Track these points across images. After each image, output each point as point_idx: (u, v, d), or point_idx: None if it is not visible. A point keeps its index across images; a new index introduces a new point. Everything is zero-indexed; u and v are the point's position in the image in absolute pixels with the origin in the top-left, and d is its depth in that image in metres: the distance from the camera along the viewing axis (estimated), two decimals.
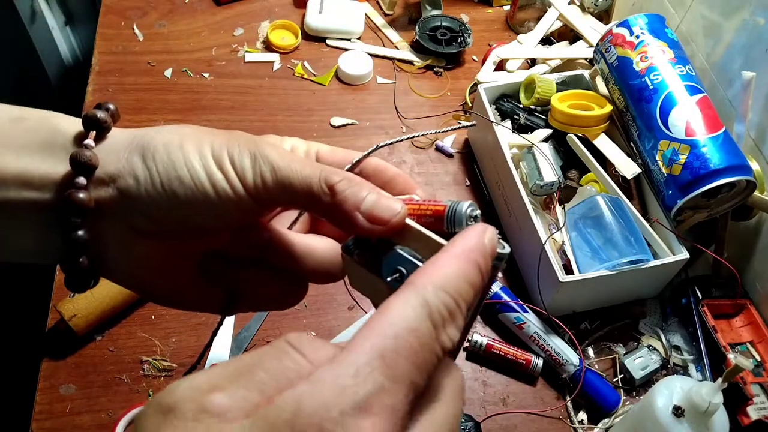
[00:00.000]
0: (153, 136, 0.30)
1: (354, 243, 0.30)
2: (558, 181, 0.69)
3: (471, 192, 0.80)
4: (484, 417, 0.62)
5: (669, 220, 0.65)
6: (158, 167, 0.29)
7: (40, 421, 0.58)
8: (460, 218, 0.28)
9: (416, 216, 0.29)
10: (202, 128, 0.31)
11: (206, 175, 0.29)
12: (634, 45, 0.68)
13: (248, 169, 0.29)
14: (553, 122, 0.73)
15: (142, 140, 0.30)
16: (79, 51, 1.37)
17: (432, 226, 0.28)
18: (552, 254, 0.63)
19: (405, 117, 0.86)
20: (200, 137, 0.30)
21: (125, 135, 0.30)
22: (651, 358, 0.66)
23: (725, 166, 0.60)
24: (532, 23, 0.95)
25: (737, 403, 0.60)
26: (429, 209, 0.29)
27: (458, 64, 0.94)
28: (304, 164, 0.29)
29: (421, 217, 0.29)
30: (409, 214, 0.29)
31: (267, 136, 0.34)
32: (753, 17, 0.67)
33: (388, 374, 0.20)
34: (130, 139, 0.30)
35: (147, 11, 0.93)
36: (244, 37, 0.92)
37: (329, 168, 0.30)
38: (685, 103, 0.64)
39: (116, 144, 0.30)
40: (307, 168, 0.29)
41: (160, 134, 0.30)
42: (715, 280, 0.69)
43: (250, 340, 0.64)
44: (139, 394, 0.60)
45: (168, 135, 0.30)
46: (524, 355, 0.65)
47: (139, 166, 0.29)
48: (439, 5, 0.96)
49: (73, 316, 0.60)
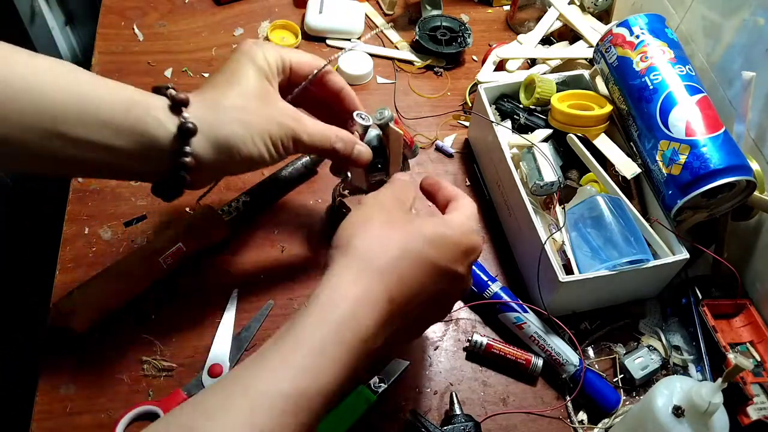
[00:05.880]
0: (223, 126, 0.49)
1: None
2: (558, 181, 0.69)
3: (471, 192, 0.80)
4: (484, 417, 0.62)
5: (669, 220, 0.65)
6: (240, 155, 0.50)
7: (40, 421, 0.58)
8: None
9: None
10: (260, 119, 0.51)
11: (268, 155, 0.52)
12: (634, 45, 0.68)
13: (290, 144, 0.53)
14: (553, 122, 0.73)
15: (216, 134, 0.49)
16: (79, 51, 1.37)
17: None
18: (552, 254, 0.63)
19: (405, 117, 0.86)
20: (258, 129, 0.50)
21: (201, 116, 0.49)
22: (651, 358, 0.66)
23: (725, 166, 0.60)
24: (532, 23, 0.95)
25: (737, 403, 0.60)
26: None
27: (458, 64, 0.94)
28: (318, 127, 0.54)
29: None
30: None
31: (246, 42, 0.54)
32: (753, 17, 0.67)
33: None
34: (207, 124, 0.49)
35: (147, 11, 0.93)
36: (244, 37, 0.92)
37: (334, 132, 0.55)
38: (685, 103, 0.64)
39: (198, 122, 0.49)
40: (320, 131, 0.55)
41: (230, 126, 0.49)
42: (715, 280, 0.69)
43: (251, 340, 0.64)
44: (139, 394, 0.60)
45: (240, 130, 0.50)
46: (524, 355, 0.65)
47: (219, 148, 0.49)
48: (439, 5, 0.96)
49: (71, 313, 0.59)
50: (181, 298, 0.66)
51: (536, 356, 0.65)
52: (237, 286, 0.68)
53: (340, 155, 0.56)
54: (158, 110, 0.48)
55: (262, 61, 0.53)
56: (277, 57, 0.54)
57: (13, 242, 1.33)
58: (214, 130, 0.49)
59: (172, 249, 0.64)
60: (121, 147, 0.47)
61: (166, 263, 0.64)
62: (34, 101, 0.43)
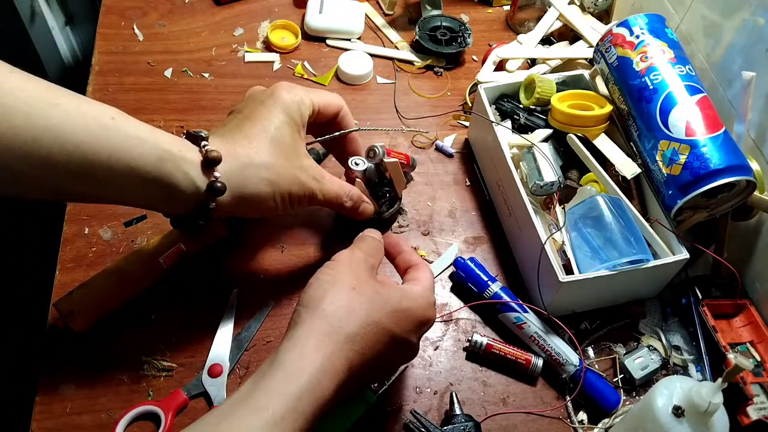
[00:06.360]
0: (250, 184, 0.53)
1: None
2: (558, 181, 0.69)
3: (471, 192, 0.80)
4: (484, 417, 0.62)
5: (669, 220, 0.65)
6: (259, 209, 0.56)
7: (40, 421, 0.58)
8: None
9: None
10: (285, 179, 0.55)
11: (282, 208, 0.56)
12: (634, 45, 0.68)
13: (306, 202, 0.58)
14: (553, 122, 0.73)
15: (242, 191, 0.53)
16: (79, 51, 1.37)
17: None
18: (552, 254, 0.63)
19: (405, 117, 0.86)
20: (281, 188, 0.55)
21: (229, 172, 0.52)
22: (651, 358, 0.66)
23: (725, 166, 0.60)
24: (532, 23, 0.95)
25: (737, 403, 0.60)
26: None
27: (458, 64, 0.94)
28: (333, 189, 0.60)
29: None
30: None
31: (281, 84, 0.58)
32: (753, 17, 0.67)
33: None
34: (235, 182, 0.53)
35: (147, 11, 0.93)
36: (244, 37, 0.92)
37: (345, 192, 0.62)
38: (685, 103, 0.64)
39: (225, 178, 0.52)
40: (334, 191, 0.61)
41: (257, 185, 0.54)
42: (715, 280, 0.69)
43: (250, 340, 0.64)
44: (139, 394, 0.60)
45: (265, 188, 0.54)
46: (524, 355, 0.65)
47: (242, 201, 0.54)
48: (439, 5, 0.96)
49: (70, 313, 0.59)
50: (181, 298, 0.66)
51: (536, 356, 0.65)
52: (237, 286, 0.68)
53: (348, 211, 0.64)
54: (190, 166, 0.50)
55: (296, 114, 0.56)
56: (309, 106, 0.58)
57: (13, 242, 1.33)
58: (241, 188, 0.53)
59: (172, 249, 0.64)
60: (146, 192, 0.50)
61: (166, 263, 0.64)
62: (67, 150, 0.45)
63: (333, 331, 0.47)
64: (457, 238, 0.75)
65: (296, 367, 0.44)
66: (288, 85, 0.58)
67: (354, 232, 0.59)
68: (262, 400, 0.43)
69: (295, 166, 0.56)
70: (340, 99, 0.64)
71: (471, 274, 0.69)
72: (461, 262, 0.70)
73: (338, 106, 0.63)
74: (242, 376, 0.62)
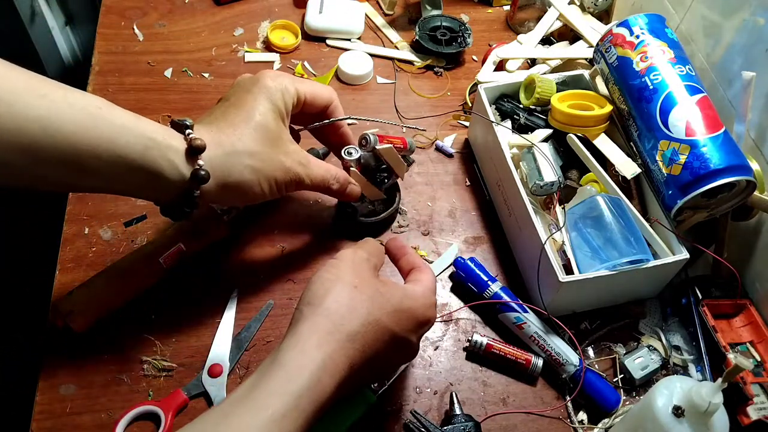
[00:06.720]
0: (234, 171, 0.53)
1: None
2: (558, 181, 0.69)
3: (471, 192, 0.80)
4: (484, 417, 0.62)
5: (669, 220, 0.65)
6: (245, 196, 0.55)
7: (40, 421, 0.58)
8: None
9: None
10: (270, 165, 0.55)
11: (269, 194, 0.56)
12: (634, 45, 0.68)
13: (293, 187, 0.59)
14: (553, 122, 0.73)
15: (226, 179, 0.53)
16: (79, 51, 1.37)
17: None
18: (552, 254, 0.63)
19: (405, 117, 0.86)
20: (266, 174, 0.55)
21: (213, 157, 0.52)
22: (651, 358, 0.66)
23: (725, 166, 0.60)
24: (532, 23, 0.95)
25: (737, 403, 0.60)
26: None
27: (458, 64, 0.94)
28: (319, 173, 0.60)
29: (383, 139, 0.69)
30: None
31: (266, 71, 0.58)
32: (753, 17, 0.67)
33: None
34: (220, 170, 0.52)
35: (147, 11, 0.93)
36: (244, 37, 0.92)
37: (331, 174, 0.62)
38: (685, 103, 0.64)
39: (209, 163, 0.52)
40: (320, 175, 0.61)
41: (241, 172, 0.53)
42: (715, 280, 0.69)
43: (250, 340, 0.64)
44: (139, 394, 0.60)
45: (249, 175, 0.54)
46: (524, 355, 0.65)
47: (227, 188, 0.54)
48: (439, 5, 0.96)
49: (70, 312, 0.59)
50: (181, 298, 0.66)
51: (536, 356, 0.65)
52: (237, 286, 0.68)
53: (336, 193, 0.64)
54: (174, 154, 0.50)
55: (280, 102, 0.56)
56: (294, 95, 0.58)
57: (13, 242, 1.33)
58: (225, 175, 0.53)
59: (172, 249, 0.64)
60: (132, 180, 0.50)
61: (166, 263, 0.64)
62: (54, 140, 0.45)
63: (335, 329, 0.47)
64: (457, 238, 0.75)
65: (297, 366, 0.44)
66: (274, 72, 0.58)
67: (354, 232, 0.59)
68: (262, 399, 0.43)
69: (280, 152, 0.56)
70: (330, 91, 0.64)
71: (471, 274, 0.69)
72: (461, 262, 0.70)
73: (328, 97, 0.63)
74: (242, 376, 0.62)
